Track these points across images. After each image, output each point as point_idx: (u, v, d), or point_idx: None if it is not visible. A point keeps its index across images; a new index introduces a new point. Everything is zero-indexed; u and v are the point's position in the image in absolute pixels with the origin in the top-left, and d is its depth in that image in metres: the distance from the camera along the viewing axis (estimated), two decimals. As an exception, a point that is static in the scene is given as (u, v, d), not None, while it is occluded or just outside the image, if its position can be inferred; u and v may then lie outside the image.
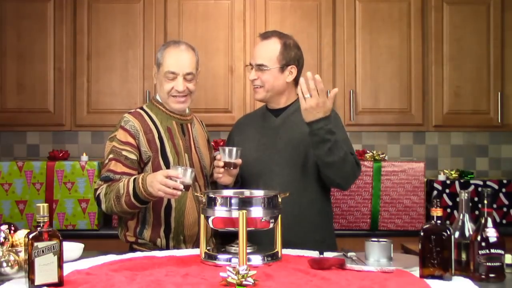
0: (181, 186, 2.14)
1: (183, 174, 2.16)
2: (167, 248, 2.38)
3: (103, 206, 2.33)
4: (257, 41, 2.52)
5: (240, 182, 2.53)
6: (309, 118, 2.22)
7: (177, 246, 2.39)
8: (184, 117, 2.51)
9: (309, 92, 2.17)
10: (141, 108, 2.50)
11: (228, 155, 2.31)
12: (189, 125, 2.53)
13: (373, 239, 2.01)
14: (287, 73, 2.44)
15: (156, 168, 2.35)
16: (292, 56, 2.44)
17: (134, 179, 2.26)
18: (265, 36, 2.47)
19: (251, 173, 2.48)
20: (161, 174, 2.16)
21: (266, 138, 2.45)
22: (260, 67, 2.42)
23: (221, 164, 2.32)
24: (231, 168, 2.33)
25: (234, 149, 2.32)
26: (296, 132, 2.42)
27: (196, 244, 2.42)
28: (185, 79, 2.41)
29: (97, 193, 2.35)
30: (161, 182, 2.14)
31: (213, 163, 2.43)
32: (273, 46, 2.43)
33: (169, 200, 2.37)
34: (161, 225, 2.38)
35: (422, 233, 1.79)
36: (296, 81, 2.49)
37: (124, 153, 2.36)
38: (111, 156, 2.37)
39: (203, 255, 2.01)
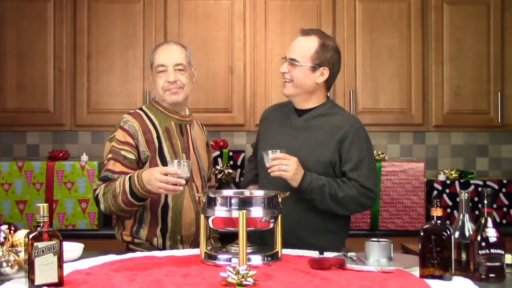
0: (183, 182, 2.15)
1: (181, 169, 2.16)
2: (164, 247, 2.38)
3: (102, 206, 2.34)
4: (297, 35, 2.47)
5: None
6: (295, 184, 2.29)
7: (174, 246, 2.39)
8: (183, 117, 2.51)
9: (279, 166, 2.24)
10: (141, 109, 2.51)
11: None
12: (188, 126, 2.53)
13: (373, 239, 2.01)
14: (318, 74, 2.39)
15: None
16: (327, 58, 2.39)
17: (130, 177, 2.26)
18: (306, 32, 2.43)
19: (264, 168, 2.41)
20: (159, 172, 2.16)
21: (285, 137, 2.43)
22: (292, 62, 2.39)
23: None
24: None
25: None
26: (312, 137, 2.40)
27: (194, 245, 2.42)
28: (175, 71, 2.43)
29: (96, 193, 2.35)
30: (161, 180, 2.14)
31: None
32: (310, 44, 2.39)
33: (166, 199, 2.38)
34: (158, 224, 2.38)
35: (422, 233, 1.79)
36: (327, 84, 2.46)
37: (122, 152, 2.36)
38: (109, 156, 2.37)
39: (203, 255, 2.01)
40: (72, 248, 2.08)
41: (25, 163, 3.26)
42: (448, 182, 3.40)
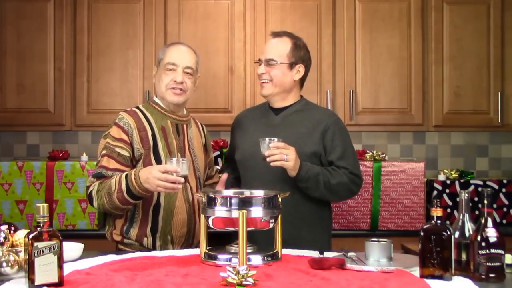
0: (182, 180, 2.15)
1: (180, 167, 2.16)
2: (154, 248, 2.37)
3: (95, 204, 2.33)
4: (268, 38, 2.60)
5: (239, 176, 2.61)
6: (294, 173, 2.34)
7: (164, 246, 2.38)
8: (180, 117, 2.51)
9: (280, 155, 2.28)
10: (137, 107, 2.52)
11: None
12: (184, 126, 2.53)
13: (373, 239, 2.01)
14: (295, 71, 2.52)
15: (147, 166, 2.34)
16: (301, 55, 2.53)
17: (126, 175, 2.25)
18: (277, 34, 2.55)
19: (247, 168, 2.53)
20: (157, 170, 2.16)
21: (264, 135, 2.46)
22: (269, 62, 2.50)
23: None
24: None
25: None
26: (293, 132, 2.47)
27: (185, 246, 2.41)
28: (184, 73, 2.44)
29: (89, 190, 2.35)
30: (159, 178, 2.14)
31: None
32: (284, 44, 2.51)
33: (158, 199, 2.37)
34: (148, 224, 2.38)
35: (422, 233, 1.79)
36: (302, 81, 2.59)
37: (117, 149, 2.36)
38: (104, 152, 2.37)
39: (203, 255, 2.01)
40: (72, 248, 2.08)
41: (25, 163, 3.26)
42: (448, 182, 3.40)
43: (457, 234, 1.87)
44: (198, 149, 2.55)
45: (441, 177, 3.45)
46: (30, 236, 1.64)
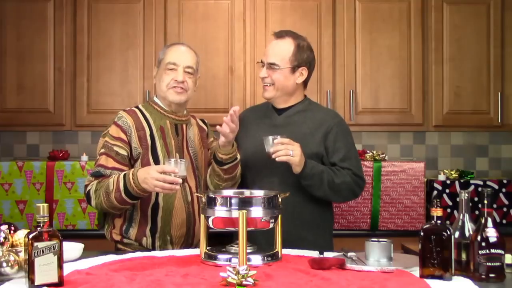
0: (180, 180, 2.15)
1: (178, 167, 2.16)
2: (153, 248, 2.37)
3: (93, 203, 2.33)
4: (270, 39, 2.55)
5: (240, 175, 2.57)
6: (299, 170, 2.33)
7: (163, 247, 2.38)
8: (179, 117, 2.51)
9: (285, 151, 2.26)
10: (137, 107, 2.52)
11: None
12: (184, 125, 2.52)
13: (373, 239, 2.01)
14: (297, 74, 2.48)
15: (145, 165, 2.34)
16: (304, 58, 2.47)
17: (125, 175, 2.25)
18: (280, 35, 2.49)
19: (249, 167, 2.51)
20: (155, 170, 2.16)
21: (266, 135, 2.45)
22: (271, 66, 2.45)
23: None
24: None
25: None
26: (296, 132, 2.45)
27: (184, 246, 2.41)
28: (185, 72, 2.44)
29: (87, 189, 2.35)
30: (157, 179, 2.14)
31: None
32: (287, 46, 2.45)
33: (156, 199, 2.37)
34: (148, 224, 2.37)
35: (422, 233, 1.79)
36: (305, 83, 2.55)
37: (115, 148, 2.36)
38: (102, 150, 2.38)
39: (203, 255, 2.01)
40: (72, 248, 2.08)
41: (25, 163, 3.26)
42: (448, 182, 3.40)
43: (457, 234, 1.87)
44: (198, 148, 2.55)
45: (441, 177, 3.45)
46: (30, 236, 1.64)
